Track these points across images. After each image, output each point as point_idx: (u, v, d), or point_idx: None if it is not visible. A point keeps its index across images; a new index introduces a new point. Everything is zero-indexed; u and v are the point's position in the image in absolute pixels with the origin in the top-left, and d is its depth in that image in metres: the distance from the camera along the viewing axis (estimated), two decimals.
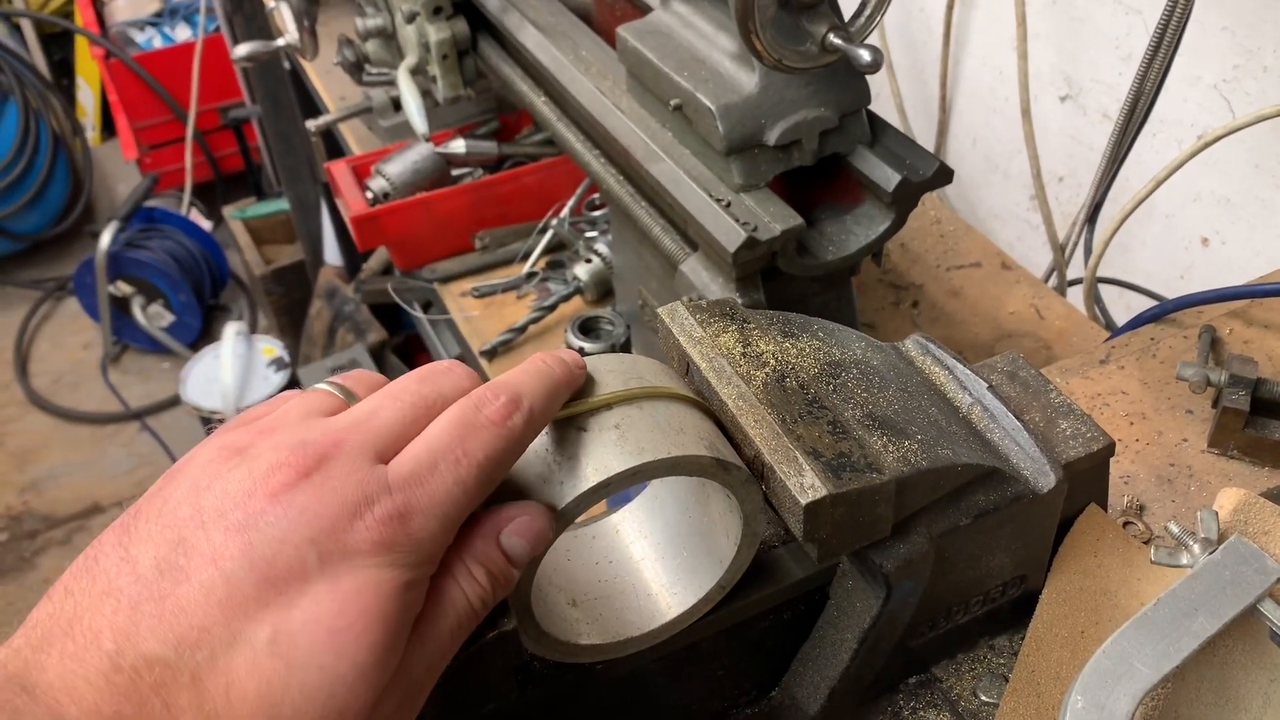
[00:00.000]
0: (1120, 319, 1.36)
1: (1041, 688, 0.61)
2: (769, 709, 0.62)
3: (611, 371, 0.51)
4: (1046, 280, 1.45)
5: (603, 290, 1.35)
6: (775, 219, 0.88)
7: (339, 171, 1.45)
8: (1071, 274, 1.44)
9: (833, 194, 0.98)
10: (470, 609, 0.43)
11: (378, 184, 1.41)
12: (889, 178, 0.91)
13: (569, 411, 0.49)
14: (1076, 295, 1.41)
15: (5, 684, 0.36)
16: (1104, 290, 1.36)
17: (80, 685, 0.36)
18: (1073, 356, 0.90)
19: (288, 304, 2.81)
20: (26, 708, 0.35)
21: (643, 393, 0.50)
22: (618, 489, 0.47)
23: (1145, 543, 0.73)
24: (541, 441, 0.49)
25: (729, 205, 0.90)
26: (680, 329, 0.57)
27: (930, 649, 0.63)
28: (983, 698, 0.62)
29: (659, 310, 0.58)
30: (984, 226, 1.69)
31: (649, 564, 0.56)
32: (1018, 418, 0.59)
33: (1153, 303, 1.32)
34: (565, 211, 1.42)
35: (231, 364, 2.56)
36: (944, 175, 0.93)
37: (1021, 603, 0.63)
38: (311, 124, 1.59)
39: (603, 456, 0.47)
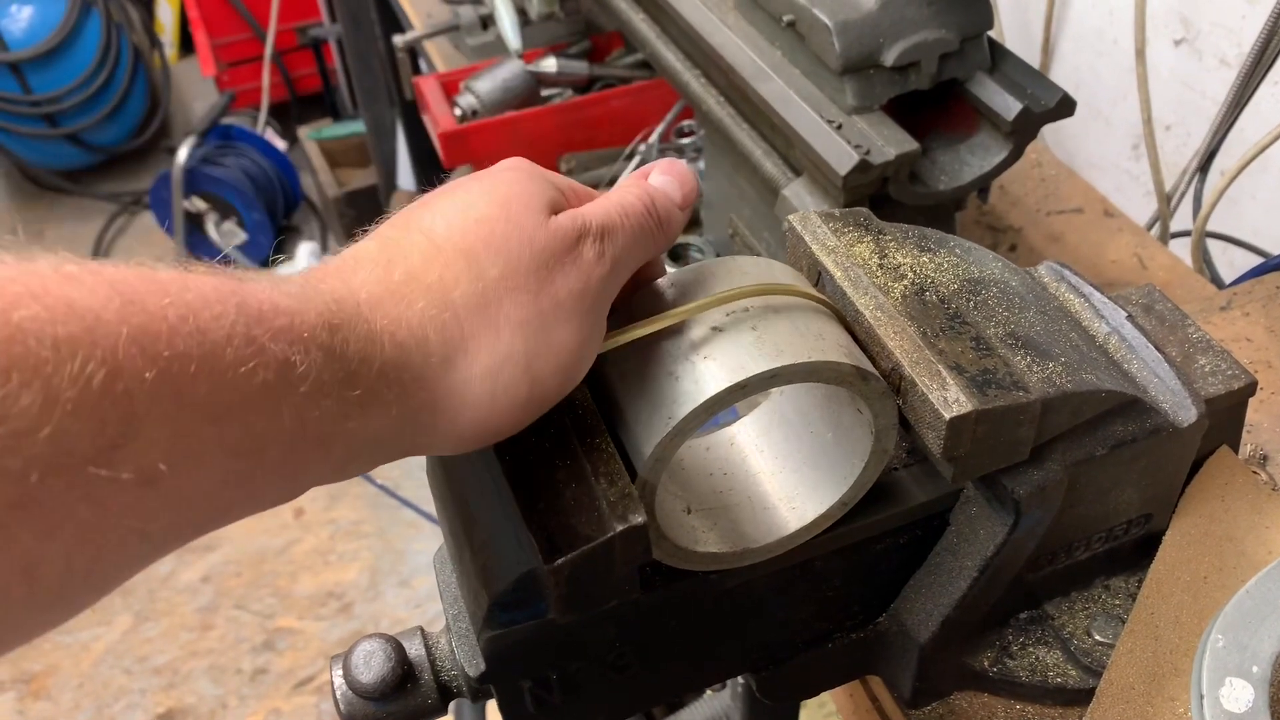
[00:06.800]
0: (1225, 274, 1.31)
1: (1160, 631, 0.59)
2: (875, 634, 0.60)
3: (746, 273, 0.50)
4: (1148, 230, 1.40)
5: (689, 219, 1.32)
6: (889, 143, 0.85)
7: (428, 87, 1.43)
8: (1174, 227, 1.38)
9: (946, 123, 0.94)
10: (632, 202, 0.47)
11: (466, 101, 1.39)
12: (1009, 106, 0.87)
13: (705, 309, 0.47)
14: (1177, 249, 1.36)
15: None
16: (1208, 245, 1.31)
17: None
18: (1188, 303, 0.86)
19: (360, 228, 2.81)
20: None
21: (780, 296, 0.48)
22: (754, 391, 0.45)
23: (1273, 491, 0.70)
24: (674, 340, 0.47)
25: (840, 127, 0.87)
26: (813, 236, 0.55)
27: (1045, 584, 0.61)
28: (1097, 637, 0.60)
29: (789, 217, 0.56)
30: (1081, 176, 1.63)
31: (767, 477, 0.55)
32: (1158, 350, 0.57)
33: (1259, 259, 1.27)
34: (654, 137, 1.39)
35: None
36: (1067, 106, 0.89)
37: (1143, 543, 0.61)
38: (399, 39, 1.57)
39: (739, 356, 0.46)
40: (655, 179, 0.51)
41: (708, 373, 0.45)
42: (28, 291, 0.28)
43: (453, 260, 0.41)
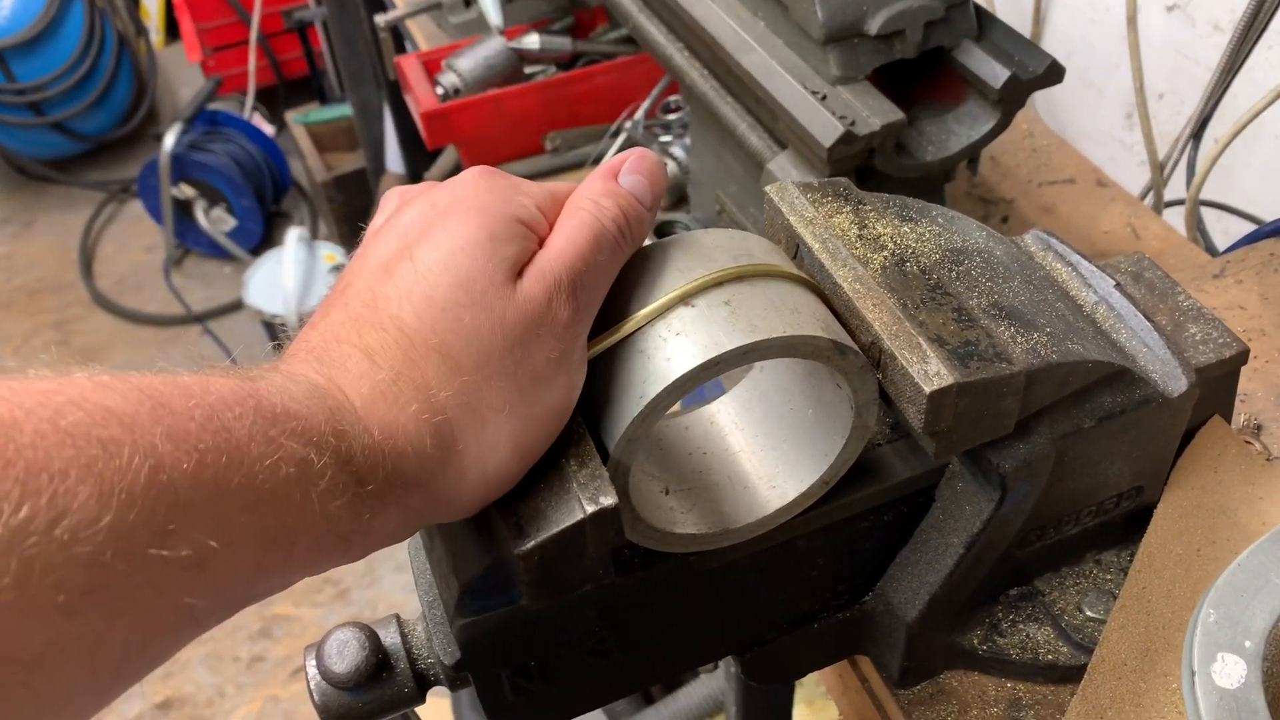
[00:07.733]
0: (1219, 242, 1.30)
1: (1152, 605, 0.58)
2: (861, 614, 0.59)
3: (720, 247, 0.48)
4: (1142, 200, 1.38)
5: (676, 196, 1.31)
6: (874, 113, 0.83)
7: (409, 66, 1.41)
8: (1168, 196, 1.37)
9: (933, 92, 0.92)
10: (604, 226, 0.45)
11: (448, 79, 1.37)
12: (996, 74, 0.86)
13: (679, 288, 0.46)
14: (1171, 218, 1.34)
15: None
16: (1202, 213, 1.29)
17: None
18: (1182, 271, 0.85)
19: (349, 212, 2.79)
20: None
21: (755, 270, 0.47)
22: (728, 368, 0.44)
23: (1267, 461, 0.69)
24: (647, 315, 0.46)
25: (825, 98, 0.85)
26: (790, 208, 0.53)
27: (1035, 560, 0.59)
28: (1088, 613, 0.59)
29: (767, 189, 0.55)
30: (1073, 146, 1.61)
31: (747, 456, 0.53)
32: (1147, 318, 0.55)
33: (1253, 226, 1.25)
34: (639, 114, 1.37)
35: (294, 268, 2.55)
36: (1055, 73, 0.87)
37: (1134, 516, 0.60)
38: (381, 18, 1.55)
39: (713, 333, 0.44)
40: (626, 180, 0.48)
41: (680, 350, 0.44)
42: (69, 401, 0.32)
43: (428, 357, 0.41)
